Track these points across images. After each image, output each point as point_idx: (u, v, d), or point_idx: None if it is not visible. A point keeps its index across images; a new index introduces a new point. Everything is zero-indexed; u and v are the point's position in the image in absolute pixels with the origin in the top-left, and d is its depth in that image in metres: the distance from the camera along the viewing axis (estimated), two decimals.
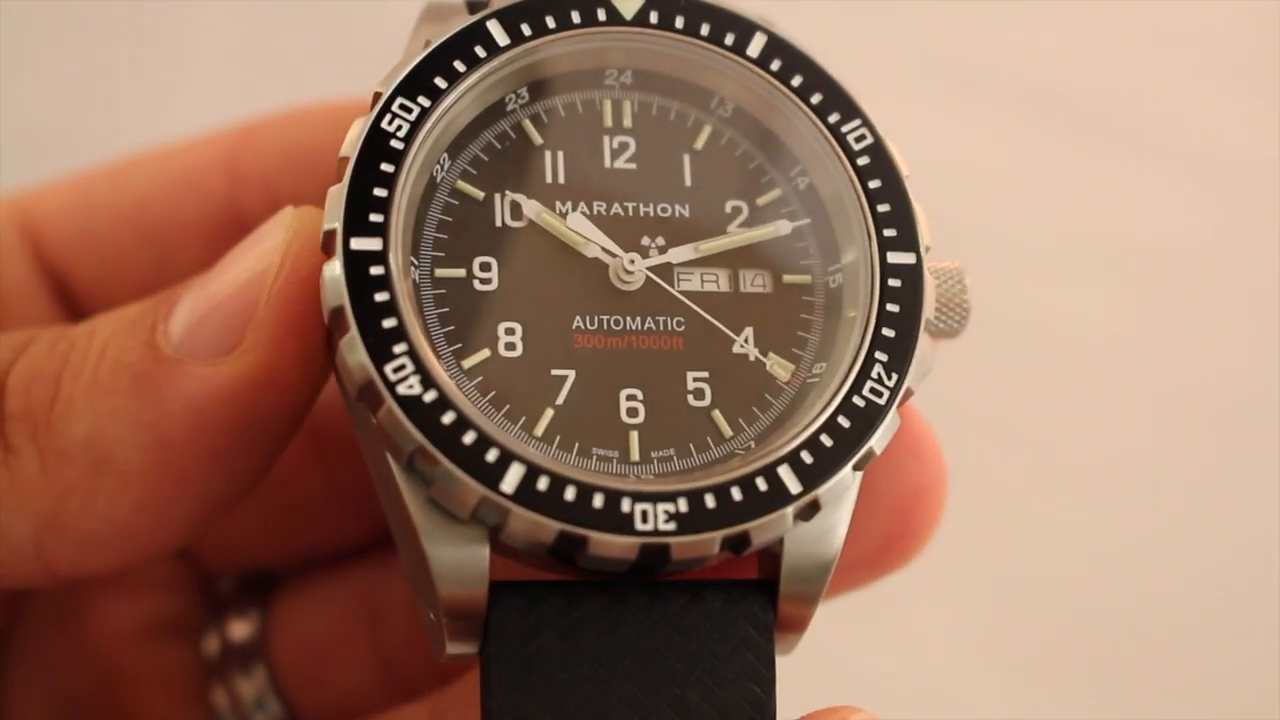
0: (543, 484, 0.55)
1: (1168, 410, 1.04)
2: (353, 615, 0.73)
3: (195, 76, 1.05)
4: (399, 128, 0.58)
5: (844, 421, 0.57)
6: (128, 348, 0.58)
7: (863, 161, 0.61)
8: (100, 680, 0.72)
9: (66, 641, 0.73)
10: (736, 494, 0.56)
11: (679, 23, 0.62)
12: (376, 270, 0.56)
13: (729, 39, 0.62)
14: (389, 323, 0.55)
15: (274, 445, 0.60)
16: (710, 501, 0.56)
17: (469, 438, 0.55)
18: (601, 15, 0.61)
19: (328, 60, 1.02)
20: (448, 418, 0.55)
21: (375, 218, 0.57)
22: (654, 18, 0.61)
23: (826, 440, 0.57)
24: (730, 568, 0.59)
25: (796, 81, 0.62)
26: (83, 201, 0.71)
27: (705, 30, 0.62)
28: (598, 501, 0.55)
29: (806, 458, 0.57)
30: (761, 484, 0.56)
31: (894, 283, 0.59)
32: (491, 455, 0.55)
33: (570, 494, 0.55)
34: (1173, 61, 1.13)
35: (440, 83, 0.59)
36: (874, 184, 0.61)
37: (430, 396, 0.55)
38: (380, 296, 0.56)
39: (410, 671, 0.72)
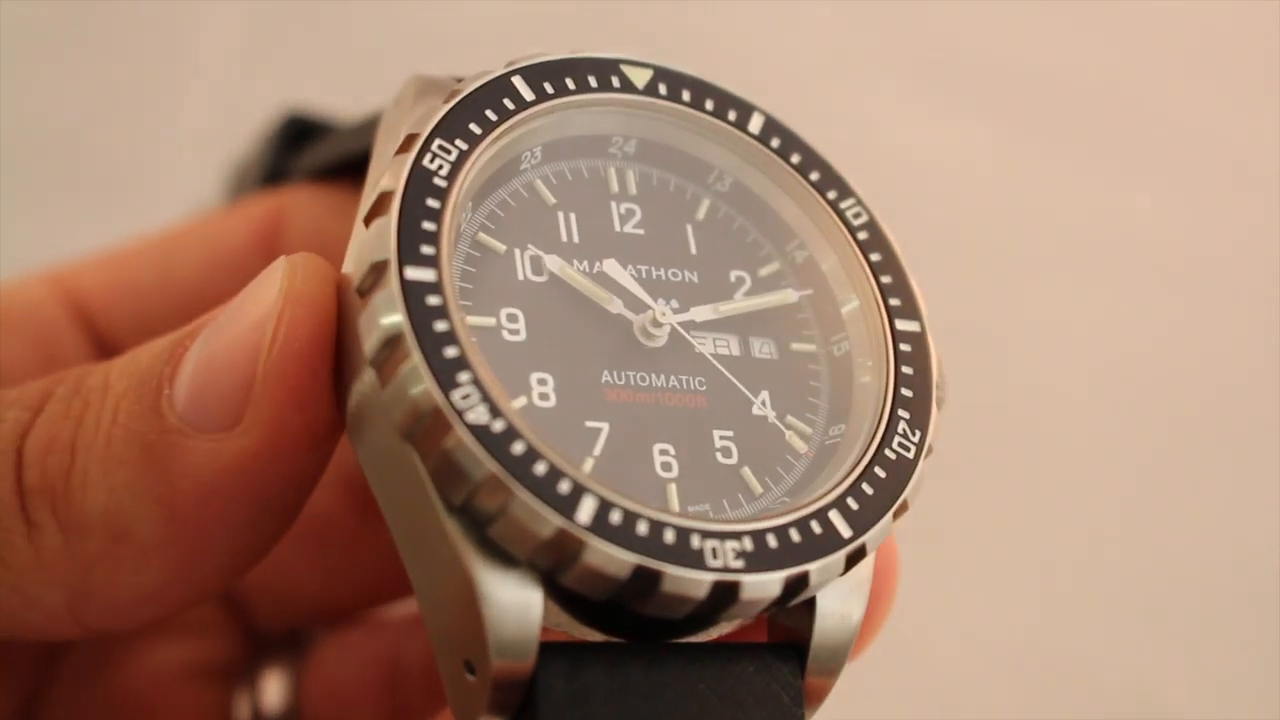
0: (616, 517, 0.53)
1: (1169, 410, 1.06)
2: (377, 670, 0.72)
3: (195, 77, 1.01)
4: (440, 167, 0.57)
5: (880, 472, 0.58)
6: (136, 414, 0.56)
7: (862, 236, 0.63)
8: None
9: (106, 685, 0.70)
10: (795, 535, 0.56)
11: (685, 96, 0.63)
12: (434, 300, 0.54)
13: (731, 115, 0.63)
14: (451, 351, 0.53)
15: (294, 506, 0.57)
16: (773, 541, 0.55)
17: (540, 468, 0.53)
18: (615, 83, 0.62)
19: (328, 62, 1.00)
20: (518, 448, 0.53)
21: (427, 250, 0.55)
22: (663, 89, 0.63)
23: (868, 489, 0.58)
24: (741, 632, 0.59)
25: (795, 159, 0.64)
26: (131, 284, 0.71)
27: (710, 105, 0.63)
28: (669, 537, 0.54)
29: (852, 504, 0.57)
30: (816, 527, 0.56)
31: (905, 348, 0.61)
32: (564, 487, 0.53)
33: (643, 528, 0.53)
34: (1173, 62, 1.18)
35: (475, 129, 0.58)
36: (875, 257, 0.63)
37: (499, 426, 0.53)
38: (440, 326, 0.54)
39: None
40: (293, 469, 0.56)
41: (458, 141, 0.58)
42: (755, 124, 0.64)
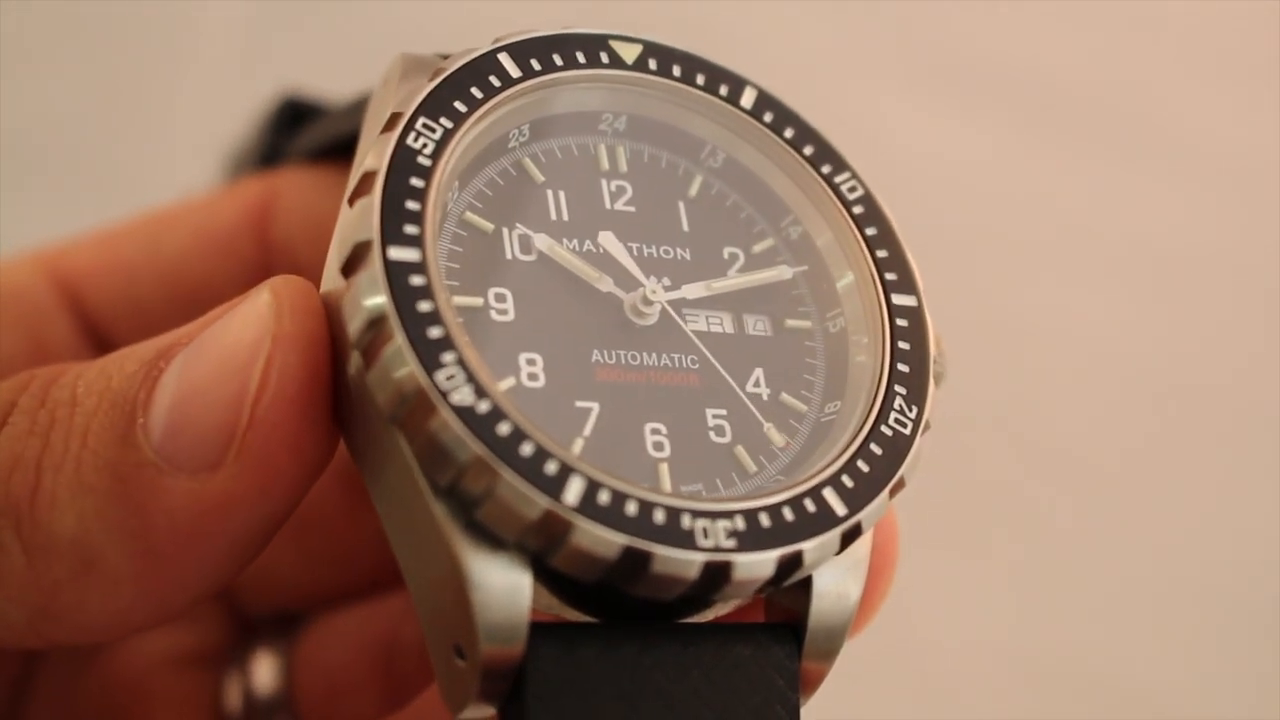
0: (604, 497, 0.52)
1: (1168, 409, 1.05)
2: (371, 653, 0.71)
3: (194, 66, 1.01)
4: (425, 145, 0.56)
5: (876, 449, 0.57)
6: (108, 440, 0.53)
7: (858, 210, 0.62)
8: (124, 710, 0.68)
9: (94, 674, 0.69)
10: (788, 514, 0.55)
11: (676, 71, 0.62)
12: (418, 280, 0.53)
13: (723, 90, 0.63)
14: (435, 332, 0.53)
15: (278, 528, 0.56)
16: (765, 520, 0.54)
17: (527, 449, 0.52)
18: (604, 58, 0.61)
19: (329, 51, 0.99)
20: (504, 429, 0.52)
21: (411, 230, 0.54)
22: (653, 64, 0.62)
23: (863, 466, 0.57)
24: (739, 611, 0.58)
25: (789, 134, 0.63)
26: (121, 263, 0.69)
27: (701, 80, 0.62)
28: (659, 517, 0.53)
29: (847, 482, 0.56)
30: (810, 505, 0.55)
31: (901, 322, 0.60)
32: (551, 468, 0.52)
33: (632, 508, 0.53)
34: (1172, 61, 1.17)
35: (460, 106, 0.58)
36: (870, 231, 0.62)
37: (484, 407, 0.52)
38: (424, 306, 0.53)
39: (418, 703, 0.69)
40: (281, 505, 0.55)
41: (442, 120, 0.57)
42: (748, 98, 0.63)
